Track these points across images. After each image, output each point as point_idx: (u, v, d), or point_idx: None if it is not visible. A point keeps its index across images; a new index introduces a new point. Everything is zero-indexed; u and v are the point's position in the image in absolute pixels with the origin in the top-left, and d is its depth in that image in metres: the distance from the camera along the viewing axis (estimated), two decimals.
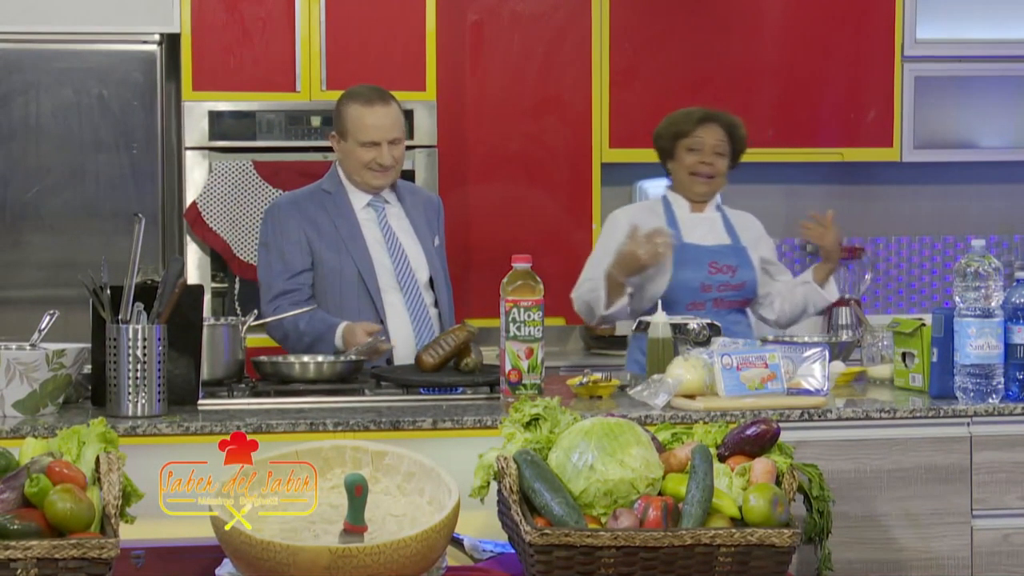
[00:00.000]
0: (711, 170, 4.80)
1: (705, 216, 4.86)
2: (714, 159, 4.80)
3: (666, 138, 4.86)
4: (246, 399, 3.86)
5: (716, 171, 4.81)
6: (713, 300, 4.70)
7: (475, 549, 3.23)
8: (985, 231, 6.47)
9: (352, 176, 4.57)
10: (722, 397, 3.71)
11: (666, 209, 4.85)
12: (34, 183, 5.42)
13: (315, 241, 4.51)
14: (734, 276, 4.75)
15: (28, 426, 3.42)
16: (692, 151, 4.80)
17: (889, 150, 6.15)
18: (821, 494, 3.26)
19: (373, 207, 4.59)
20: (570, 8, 5.90)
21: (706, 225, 4.84)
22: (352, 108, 4.51)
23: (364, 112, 4.49)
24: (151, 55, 5.47)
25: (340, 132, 4.55)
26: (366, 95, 4.53)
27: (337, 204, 4.56)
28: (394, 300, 4.54)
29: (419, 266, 4.59)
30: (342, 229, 4.53)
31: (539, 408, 3.17)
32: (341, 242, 4.51)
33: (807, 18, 6.08)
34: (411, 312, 4.54)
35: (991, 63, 6.21)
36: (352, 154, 4.53)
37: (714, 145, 4.79)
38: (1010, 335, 3.78)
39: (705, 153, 4.79)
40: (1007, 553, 3.80)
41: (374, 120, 4.49)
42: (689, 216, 4.84)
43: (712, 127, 4.80)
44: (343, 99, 4.58)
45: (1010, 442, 3.79)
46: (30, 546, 2.68)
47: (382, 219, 4.60)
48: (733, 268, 4.76)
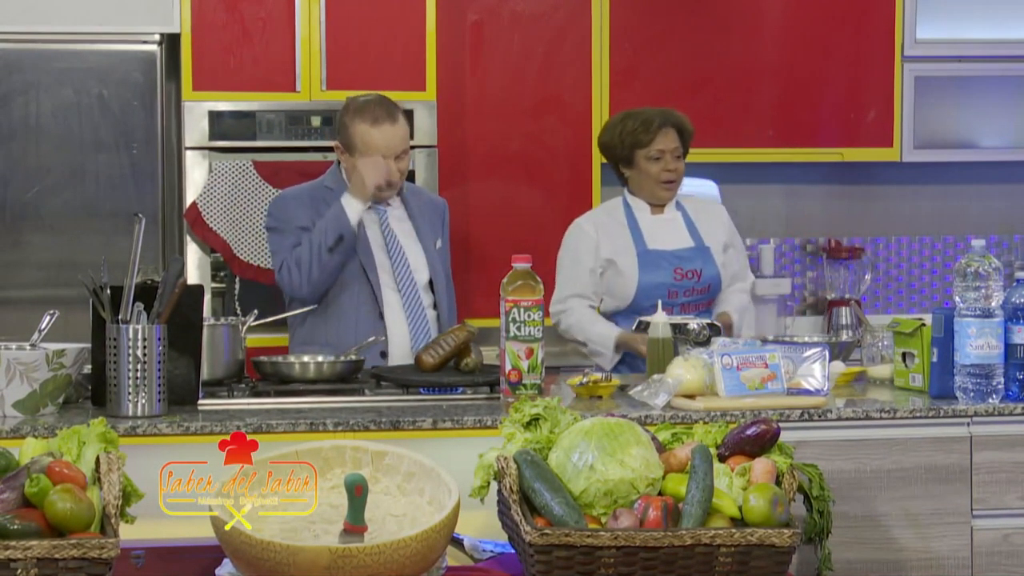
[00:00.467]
0: (675, 175, 4.82)
1: (666, 218, 4.86)
2: (676, 163, 4.81)
3: (623, 147, 4.84)
4: (246, 399, 3.86)
5: (678, 175, 4.83)
6: (680, 305, 4.71)
7: (475, 549, 3.23)
8: (985, 231, 6.47)
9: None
10: (722, 397, 3.71)
11: (627, 213, 4.86)
12: (34, 183, 5.42)
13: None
14: (700, 280, 4.77)
15: (28, 426, 3.42)
16: (654, 160, 4.80)
17: (889, 150, 6.15)
18: (821, 494, 3.27)
19: (375, 209, 4.59)
20: (570, 8, 5.90)
21: (668, 228, 4.84)
22: (359, 126, 4.48)
23: (372, 132, 4.47)
24: (151, 55, 5.47)
25: (346, 146, 4.53)
26: (373, 114, 4.49)
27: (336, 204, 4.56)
28: (391, 300, 4.54)
29: (418, 267, 4.59)
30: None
31: (539, 408, 3.17)
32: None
33: (807, 18, 6.08)
34: (408, 312, 4.54)
35: (991, 63, 6.21)
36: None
37: (673, 150, 4.79)
38: (1010, 335, 3.78)
39: (667, 160, 4.79)
40: (1007, 553, 3.80)
41: (383, 140, 4.47)
42: (650, 219, 4.85)
43: (668, 132, 4.80)
44: (350, 113, 4.53)
45: (1010, 442, 3.79)
46: (30, 546, 2.68)
47: (383, 221, 4.60)
48: (698, 272, 4.77)
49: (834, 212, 6.41)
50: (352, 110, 4.53)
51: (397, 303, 4.54)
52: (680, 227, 4.86)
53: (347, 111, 4.55)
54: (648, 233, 4.82)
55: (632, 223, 4.84)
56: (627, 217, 4.86)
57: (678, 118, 4.85)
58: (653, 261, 4.76)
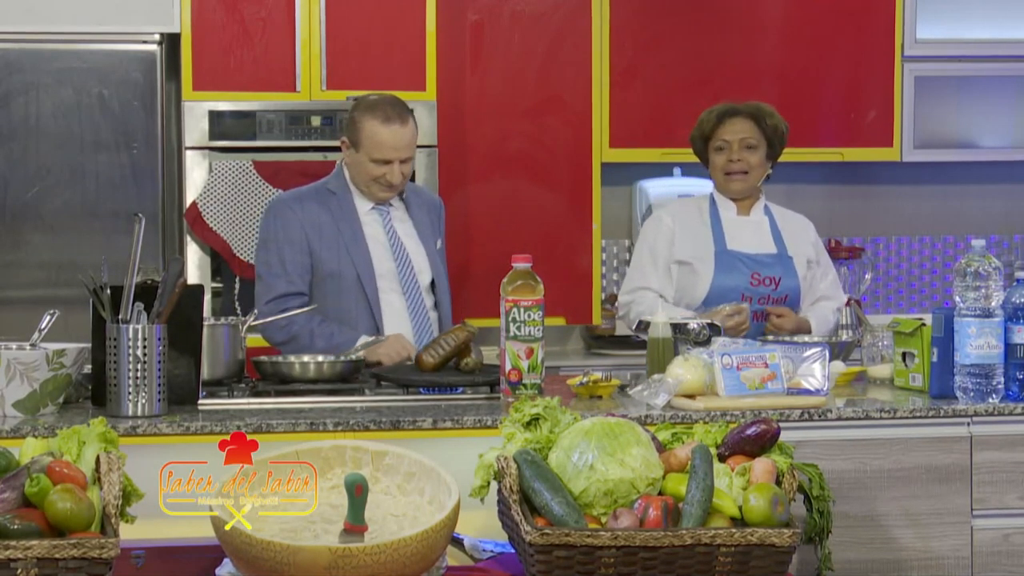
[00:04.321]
0: (742, 166, 4.65)
1: (751, 220, 4.71)
2: (743, 154, 4.64)
3: (697, 141, 4.72)
4: (246, 399, 3.86)
5: (749, 166, 4.65)
6: (753, 313, 4.54)
7: (475, 549, 3.23)
8: (985, 231, 6.47)
9: (359, 186, 4.57)
10: (722, 397, 3.71)
11: (712, 210, 4.72)
12: (34, 183, 5.42)
13: (315, 241, 4.51)
14: (777, 288, 4.62)
15: (28, 426, 3.42)
16: (719, 150, 4.67)
17: (889, 150, 6.15)
18: (821, 494, 3.27)
19: (378, 210, 4.59)
20: (570, 8, 5.90)
21: (751, 230, 4.70)
22: (369, 123, 4.48)
23: (381, 130, 4.47)
24: (151, 55, 5.47)
25: (353, 141, 4.53)
26: (385, 112, 4.49)
27: (341, 206, 4.56)
28: (395, 302, 4.53)
29: (422, 269, 4.60)
30: (344, 231, 4.53)
31: (539, 408, 3.17)
32: (342, 244, 4.51)
33: (807, 18, 6.08)
34: (412, 314, 4.54)
35: (991, 63, 6.21)
36: (362, 167, 4.52)
37: (742, 139, 4.63)
38: (1010, 335, 3.78)
39: (732, 150, 4.64)
40: (1007, 553, 3.80)
41: (391, 139, 4.47)
42: (734, 219, 4.70)
43: (735, 121, 4.66)
44: (361, 109, 4.53)
45: (1010, 442, 3.79)
46: (30, 546, 2.68)
47: (387, 222, 4.60)
48: (776, 280, 4.63)
49: (834, 212, 6.41)
50: (364, 106, 4.53)
51: (401, 306, 4.54)
52: (764, 232, 4.71)
53: (358, 107, 4.55)
54: (730, 233, 4.67)
55: (715, 221, 4.69)
56: (711, 215, 4.71)
57: (754, 109, 4.67)
58: (730, 263, 4.63)
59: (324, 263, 4.51)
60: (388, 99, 4.56)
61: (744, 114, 4.68)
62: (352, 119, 4.54)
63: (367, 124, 4.48)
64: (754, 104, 4.74)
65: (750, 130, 4.66)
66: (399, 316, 4.53)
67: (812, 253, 4.76)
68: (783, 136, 4.72)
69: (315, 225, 4.52)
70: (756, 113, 4.68)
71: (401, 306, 4.54)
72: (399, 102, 4.56)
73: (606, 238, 6.17)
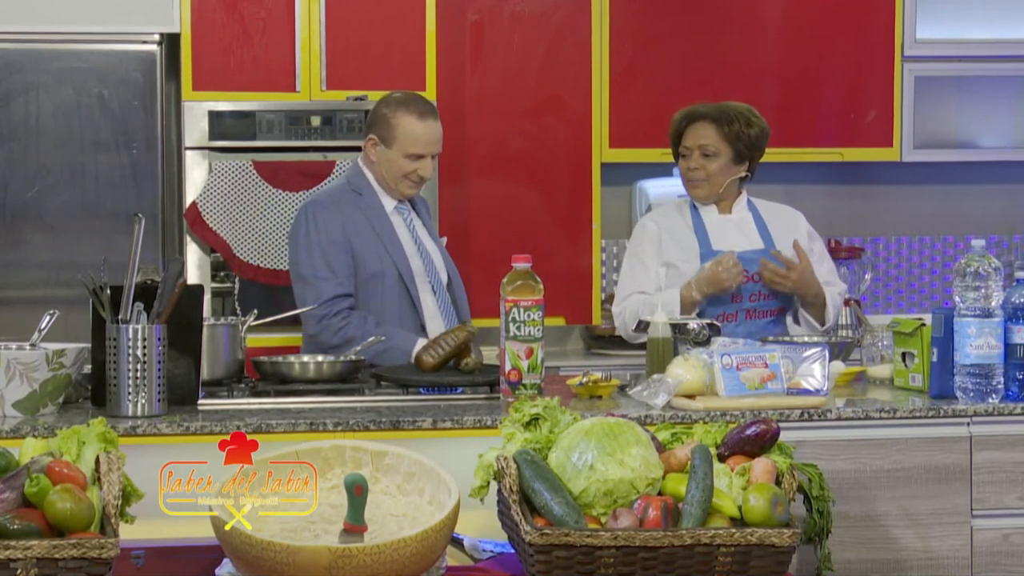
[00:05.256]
0: (700, 174, 4.59)
1: (733, 218, 4.66)
2: (701, 162, 4.58)
3: (672, 145, 4.69)
4: (246, 399, 3.86)
5: (707, 173, 4.58)
6: (745, 311, 4.54)
7: (475, 549, 3.23)
8: (985, 231, 6.47)
9: (388, 182, 4.55)
10: (722, 397, 3.71)
11: (693, 213, 4.67)
12: (34, 183, 5.42)
13: (356, 242, 4.49)
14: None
15: (28, 426, 3.42)
16: (683, 156, 4.63)
17: (889, 150, 6.15)
18: (821, 494, 3.26)
19: (399, 211, 4.60)
20: (570, 8, 5.90)
21: (735, 228, 4.64)
22: (405, 119, 4.50)
23: (418, 125, 4.49)
24: (151, 55, 5.47)
25: (384, 139, 4.53)
26: (420, 108, 4.52)
27: (371, 206, 4.55)
28: (428, 301, 4.54)
29: (441, 267, 4.61)
30: (380, 231, 4.53)
31: (539, 408, 3.17)
32: (380, 244, 4.51)
33: (807, 18, 6.08)
34: (443, 312, 4.55)
35: (991, 63, 6.21)
36: (395, 163, 4.52)
37: (701, 146, 4.57)
38: (1010, 335, 3.78)
39: (692, 157, 4.60)
40: (1007, 553, 3.80)
41: (426, 134, 4.49)
42: (717, 219, 4.64)
43: (695, 127, 4.59)
44: (392, 106, 4.54)
45: (1010, 442, 3.79)
46: (30, 546, 2.68)
47: (409, 222, 4.60)
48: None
49: (834, 212, 6.41)
50: (395, 103, 4.55)
51: (433, 303, 4.54)
52: (749, 228, 4.65)
53: (388, 104, 4.56)
54: (714, 234, 4.61)
55: (698, 223, 4.63)
56: (693, 217, 4.66)
57: (720, 113, 4.58)
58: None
59: (366, 264, 4.49)
60: (417, 96, 4.61)
61: (707, 119, 4.59)
62: (382, 116, 4.54)
63: (402, 120, 4.49)
64: (720, 107, 4.64)
65: (710, 136, 4.57)
66: (433, 314, 4.53)
67: (805, 242, 4.67)
68: (753, 139, 4.60)
69: (354, 226, 4.51)
70: (718, 118, 4.58)
71: (433, 304, 4.54)
72: (428, 100, 4.61)
73: (606, 238, 6.17)
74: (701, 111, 4.63)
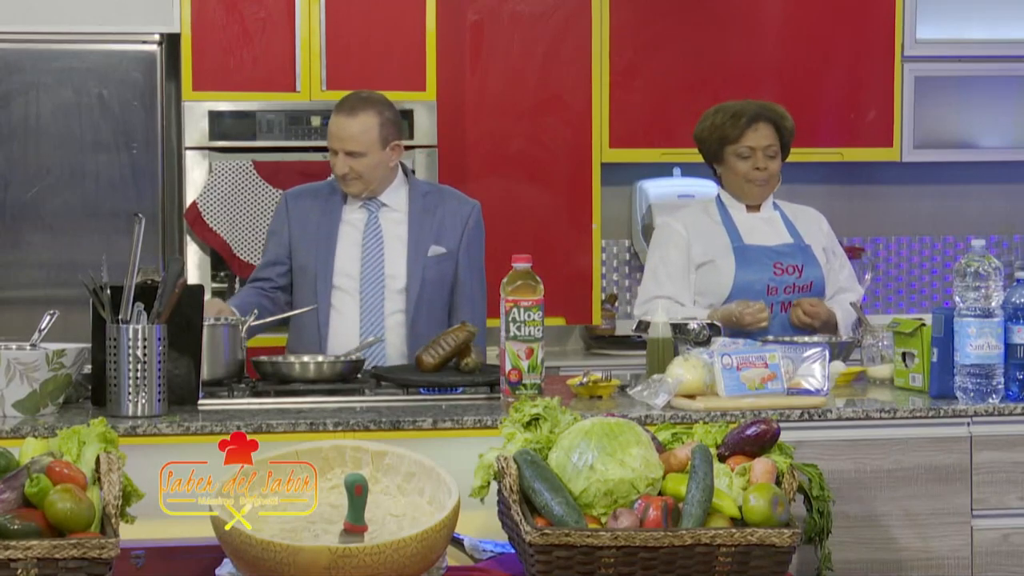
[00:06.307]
0: (765, 175, 4.61)
1: (762, 216, 4.68)
2: (766, 163, 4.61)
3: (711, 142, 4.65)
4: (246, 399, 3.86)
5: (770, 174, 4.62)
6: (780, 303, 4.55)
7: (475, 549, 3.23)
8: (985, 231, 6.47)
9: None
10: (722, 397, 3.71)
11: (721, 212, 4.67)
12: (34, 183, 5.42)
13: (296, 238, 4.57)
14: (801, 276, 4.59)
15: (28, 426, 3.42)
16: (743, 158, 4.61)
17: (889, 150, 6.15)
18: (821, 494, 3.26)
19: (367, 208, 4.58)
20: (570, 8, 5.90)
21: (765, 225, 4.67)
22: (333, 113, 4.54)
23: (332, 119, 4.52)
24: (151, 55, 5.47)
25: None
26: (342, 103, 4.53)
27: (331, 202, 4.57)
28: (347, 303, 4.50)
29: (395, 273, 4.53)
30: (321, 227, 4.55)
31: (539, 408, 3.17)
32: (316, 240, 4.53)
33: (807, 18, 6.08)
34: (363, 316, 4.50)
35: (991, 63, 6.21)
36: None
37: (765, 147, 4.59)
38: (1010, 335, 3.78)
39: (757, 159, 4.60)
40: (1007, 553, 3.80)
41: (334, 129, 4.49)
42: (746, 217, 4.66)
43: (760, 128, 4.60)
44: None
45: (1010, 442, 3.79)
46: (30, 546, 2.68)
47: (372, 221, 4.57)
48: (799, 268, 4.59)
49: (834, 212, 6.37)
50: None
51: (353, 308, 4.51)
52: (778, 225, 4.68)
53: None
54: (744, 229, 4.63)
55: (727, 221, 4.64)
56: (721, 215, 4.66)
57: (774, 113, 4.62)
58: (751, 256, 4.58)
59: (295, 258, 4.58)
60: (355, 93, 4.59)
61: (767, 120, 4.61)
62: None
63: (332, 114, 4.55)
64: (770, 106, 4.67)
65: (772, 137, 4.61)
66: (345, 317, 4.50)
67: (827, 243, 4.73)
68: (791, 141, 4.70)
69: (301, 220, 4.57)
70: (777, 120, 4.63)
71: (353, 308, 4.51)
72: (364, 96, 4.53)
73: (606, 238, 6.17)
74: (762, 112, 4.63)
